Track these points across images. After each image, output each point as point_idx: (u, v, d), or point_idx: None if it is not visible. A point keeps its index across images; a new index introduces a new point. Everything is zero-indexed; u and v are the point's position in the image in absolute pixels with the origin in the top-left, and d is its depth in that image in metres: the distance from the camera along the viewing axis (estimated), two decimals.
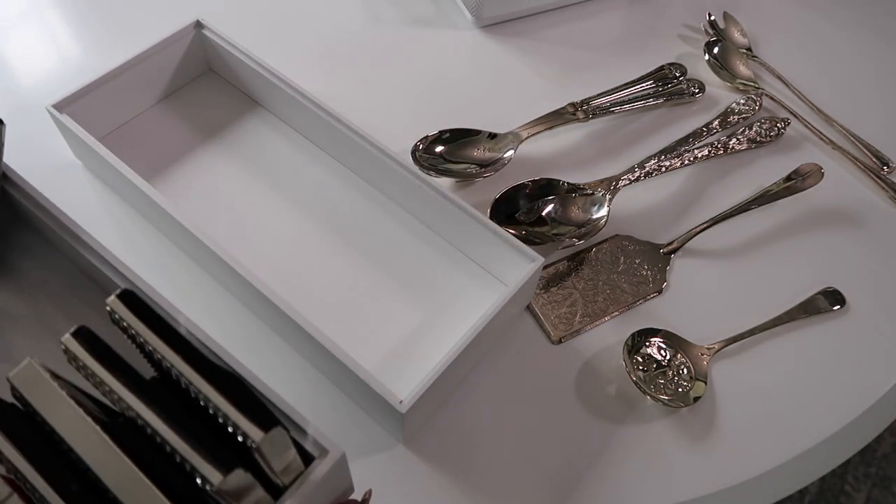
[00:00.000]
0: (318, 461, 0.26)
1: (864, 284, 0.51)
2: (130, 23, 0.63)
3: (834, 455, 0.44)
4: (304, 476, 0.25)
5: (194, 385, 0.21)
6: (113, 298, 0.22)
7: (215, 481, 0.19)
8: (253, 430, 0.20)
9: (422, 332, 0.45)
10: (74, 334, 0.21)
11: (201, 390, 0.21)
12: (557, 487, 0.41)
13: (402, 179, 0.48)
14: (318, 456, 0.26)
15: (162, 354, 0.21)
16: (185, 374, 0.21)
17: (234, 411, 0.20)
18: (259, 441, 0.20)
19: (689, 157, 0.56)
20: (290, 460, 0.24)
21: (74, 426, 0.20)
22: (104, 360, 0.21)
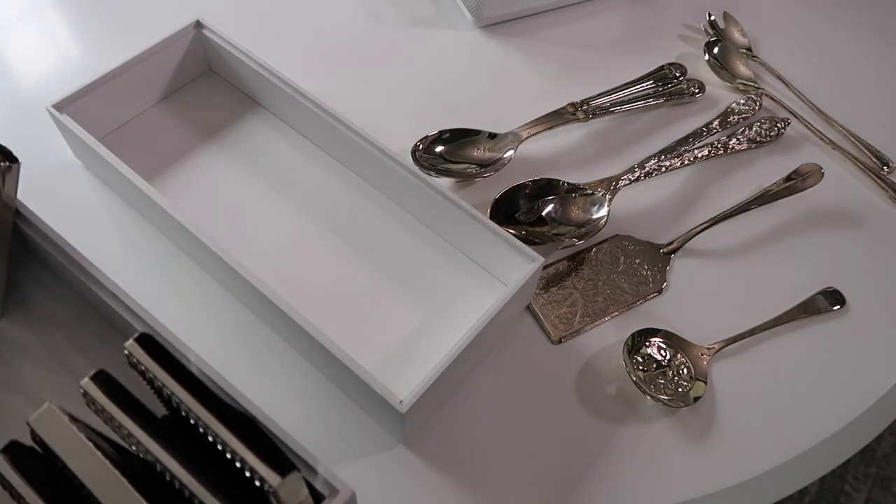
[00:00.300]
0: (328, 501, 0.26)
1: (864, 284, 0.51)
2: (130, 23, 0.63)
3: (834, 455, 0.44)
4: None
5: (212, 430, 0.21)
6: (131, 343, 0.22)
7: None
8: (270, 475, 0.21)
9: (422, 332, 0.45)
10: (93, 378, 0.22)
11: (219, 435, 0.21)
12: (557, 487, 0.41)
13: (402, 179, 0.48)
14: (329, 495, 0.26)
15: (180, 399, 0.21)
16: (203, 419, 0.21)
17: (251, 456, 0.21)
18: (276, 486, 0.21)
19: (689, 157, 0.56)
20: (303, 500, 0.24)
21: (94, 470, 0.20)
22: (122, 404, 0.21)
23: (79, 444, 0.21)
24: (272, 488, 0.20)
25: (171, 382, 0.22)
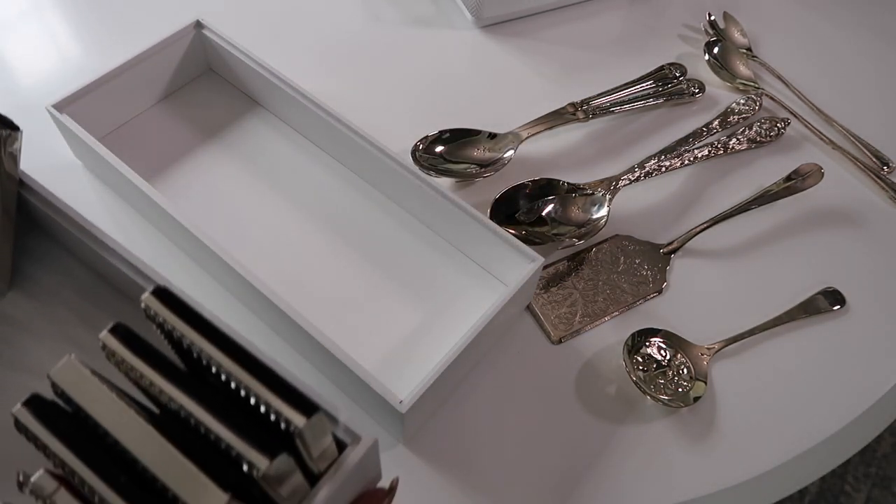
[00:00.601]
0: (350, 448, 0.26)
1: (864, 284, 0.51)
2: (130, 23, 0.63)
3: (834, 455, 0.44)
4: (338, 463, 0.25)
5: (234, 375, 0.21)
6: (148, 295, 0.22)
7: (262, 466, 0.20)
8: (295, 416, 0.21)
9: (422, 332, 0.45)
10: (112, 331, 0.22)
11: (242, 380, 0.21)
12: (557, 487, 0.41)
13: (402, 179, 0.48)
14: (351, 443, 0.27)
15: (200, 347, 0.21)
16: (225, 365, 0.21)
17: (275, 398, 0.21)
18: (302, 426, 0.21)
19: (689, 157, 0.56)
20: (327, 446, 0.24)
21: (119, 419, 0.20)
22: (142, 354, 0.22)
23: (101, 394, 0.21)
24: (297, 429, 0.21)
25: (190, 331, 0.22)
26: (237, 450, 0.20)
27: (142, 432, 0.20)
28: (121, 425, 0.20)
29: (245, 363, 0.22)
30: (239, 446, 0.20)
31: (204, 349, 0.22)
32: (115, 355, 0.22)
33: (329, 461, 0.25)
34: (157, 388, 0.21)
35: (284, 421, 0.21)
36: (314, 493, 0.24)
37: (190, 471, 0.20)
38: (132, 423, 0.20)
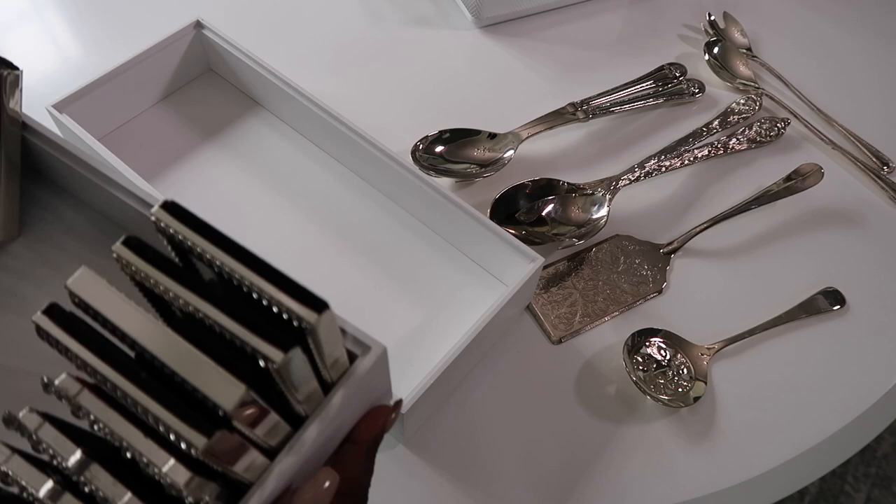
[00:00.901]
0: (361, 358, 0.27)
1: (864, 284, 0.51)
2: (130, 23, 0.63)
3: (834, 455, 0.44)
4: (350, 371, 0.26)
5: (246, 278, 0.22)
6: (157, 209, 0.23)
7: (277, 359, 0.21)
8: (306, 313, 0.21)
9: (422, 332, 0.45)
10: (124, 243, 0.23)
11: (253, 282, 0.22)
12: (557, 487, 0.41)
13: (402, 179, 0.48)
14: (361, 353, 0.27)
15: (212, 254, 0.22)
16: (237, 269, 0.22)
17: (286, 297, 0.22)
18: (313, 322, 0.21)
19: (689, 157, 0.56)
20: (339, 356, 0.25)
21: (135, 321, 0.21)
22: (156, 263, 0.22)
23: (117, 299, 0.22)
24: (309, 325, 0.21)
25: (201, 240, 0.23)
26: (252, 345, 0.21)
27: (158, 333, 0.21)
28: (138, 327, 0.21)
29: (255, 266, 0.22)
30: (254, 342, 0.21)
31: (215, 255, 0.22)
32: (129, 265, 0.22)
33: (341, 371, 0.26)
34: (171, 292, 0.22)
35: (296, 318, 0.21)
36: (329, 398, 0.25)
37: (208, 365, 0.21)
38: (148, 324, 0.21)
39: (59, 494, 0.21)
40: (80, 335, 0.22)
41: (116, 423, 0.21)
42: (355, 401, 0.28)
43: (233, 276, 0.22)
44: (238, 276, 0.22)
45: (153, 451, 0.21)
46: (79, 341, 0.21)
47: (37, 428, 0.22)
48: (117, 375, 0.21)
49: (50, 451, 0.22)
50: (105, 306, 0.22)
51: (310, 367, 0.24)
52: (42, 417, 0.22)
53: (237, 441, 0.22)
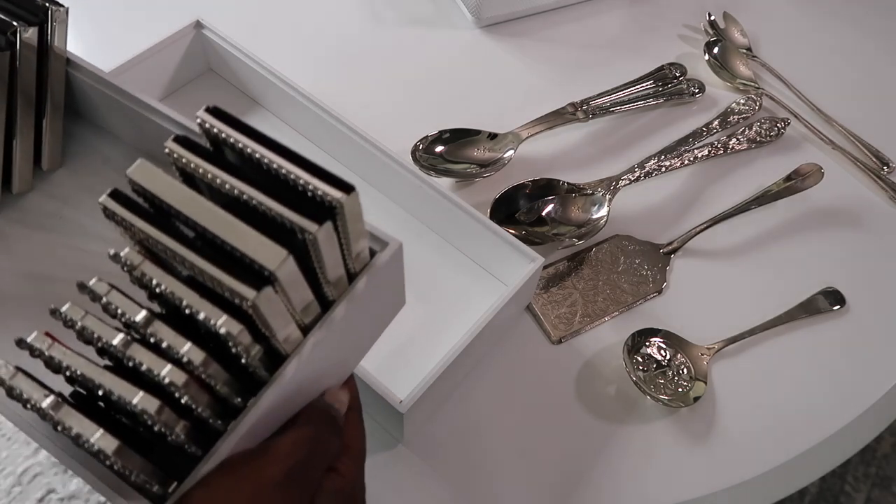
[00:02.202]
0: (379, 252, 0.31)
1: (864, 284, 0.51)
2: (130, 23, 0.63)
3: (834, 455, 0.44)
4: (370, 264, 0.30)
5: (283, 166, 0.25)
6: (202, 112, 0.27)
7: (313, 230, 0.24)
8: (335, 192, 0.25)
9: (422, 332, 0.45)
10: (175, 140, 0.26)
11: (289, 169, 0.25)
12: (557, 487, 0.41)
13: (402, 179, 0.48)
14: (380, 249, 0.31)
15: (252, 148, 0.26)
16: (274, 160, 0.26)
17: (317, 180, 0.25)
18: (343, 200, 0.25)
19: (689, 157, 0.56)
20: (362, 248, 0.29)
21: (188, 201, 0.25)
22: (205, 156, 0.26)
23: (170, 183, 0.25)
24: (338, 202, 0.25)
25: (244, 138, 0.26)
26: (291, 219, 0.24)
27: (210, 210, 0.24)
28: (190, 205, 0.25)
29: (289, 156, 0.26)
30: (293, 216, 0.24)
31: (255, 148, 0.26)
32: (181, 157, 0.26)
33: (363, 264, 0.30)
34: (218, 178, 0.25)
35: (327, 197, 0.25)
36: (354, 283, 0.29)
37: (254, 235, 0.24)
38: (200, 203, 0.25)
39: (129, 344, 0.24)
40: (140, 213, 0.25)
41: (175, 286, 0.24)
42: (374, 291, 0.31)
43: (270, 165, 0.25)
44: (276, 165, 0.25)
45: (209, 308, 0.24)
46: (140, 217, 0.25)
47: (106, 292, 0.25)
48: (176, 244, 0.24)
49: (119, 310, 0.25)
50: (160, 189, 0.25)
51: (338, 248, 0.27)
52: (109, 285, 0.25)
53: (280, 304, 0.25)
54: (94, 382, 0.24)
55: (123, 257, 0.25)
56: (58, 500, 0.44)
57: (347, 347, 0.31)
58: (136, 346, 0.24)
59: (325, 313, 0.28)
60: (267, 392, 0.26)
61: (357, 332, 0.32)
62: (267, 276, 0.24)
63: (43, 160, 0.43)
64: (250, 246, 0.24)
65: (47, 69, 0.40)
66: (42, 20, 0.39)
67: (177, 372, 0.24)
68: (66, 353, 0.25)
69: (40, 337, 0.25)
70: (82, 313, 0.25)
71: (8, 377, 0.25)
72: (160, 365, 0.24)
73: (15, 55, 0.38)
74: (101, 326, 0.25)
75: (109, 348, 0.25)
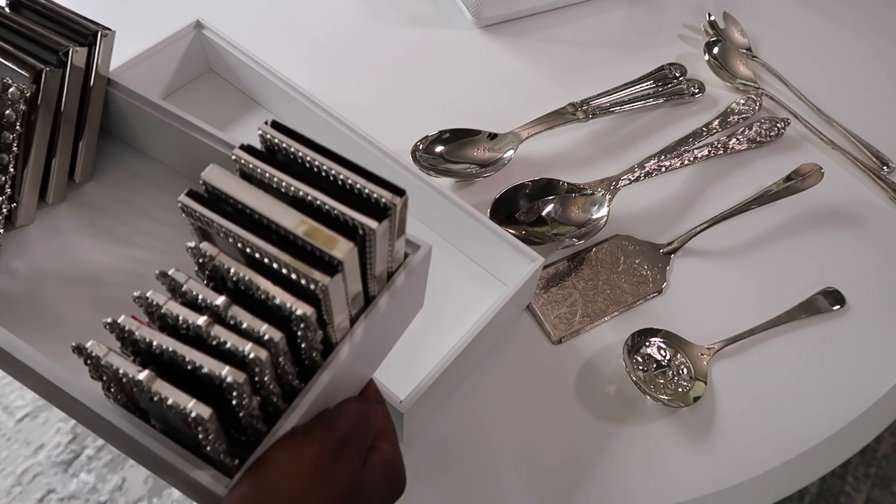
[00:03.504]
0: (412, 254, 0.33)
1: (864, 284, 0.51)
2: (130, 23, 0.63)
3: (834, 455, 0.44)
4: (405, 263, 0.33)
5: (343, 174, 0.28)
6: (264, 125, 0.29)
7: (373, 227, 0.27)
8: (390, 196, 0.28)
9: (422, 332, 0.45)
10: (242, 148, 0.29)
11: (349, 177, 0.28)
12: (557, 487, 0.41)
13: (403, 179, 0.48)
14: (412, 251, 0.34)
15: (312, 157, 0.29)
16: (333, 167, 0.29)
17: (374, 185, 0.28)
18: (397, 203, 0.28)
19: (689, 157, 0.56)
20: (399, 249, 0.31)
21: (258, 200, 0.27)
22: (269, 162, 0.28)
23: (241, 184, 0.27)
24: (392, 205, 0.28)
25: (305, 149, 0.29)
26: (353, 219, 0.27)
27: (280, 208, 0.27)
28: (262, 203, 0.27)
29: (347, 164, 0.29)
30: (355, 215, 0.27)
31: (315, 158, 0.29)
32: (248, 163, 0.28)
33: (399, 263, 0.33)
34: (284, 182, 0.28)
35: (383, 200, 0.28)
36: (393, 278, 0.32)
37: (321, 230, 0.27)
38: (271, 201, 0.27)
39: (212, 324, 0.26)
40: (218, 209, 0.27)
41: (251, 274, 0.27)
42: (406, 290, 0.34)
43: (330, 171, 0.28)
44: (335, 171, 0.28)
45: (283, 294, 0.26)
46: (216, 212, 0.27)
47: (185, 282, 0.27)
48: (251, 236, 0.26)
49: (199, 296, 0.27)
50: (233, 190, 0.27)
51: (387, 245, 0.30)
52: (186, 275, 0.27)
53: (342, 290, 0.27)
54: (184, 359, 0.26)
55: (202, 249, 0.27)
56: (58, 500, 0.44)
57: (380, 343, 0.34)
58: (218, 327, 0.26)
59: (366, 306, 0.31)
60: (324, 373, 0.29)
61: (389, 327, 0.35)
62: (336, 265, 0.26)
63: (76, 173, 0.45)
64: (320, 239, 0.26)
65: (90, 88, 0.43)
66: (91, 42, 0.42)
67: (259, 349, 0.26)
68: (155, 334, 0.27)
69: (128, 320, 0.27)
70: (165, 298, 0.27)
71: (103, 354, 0.27)
72: (243, 343, 0.26)
73: (65, 74, 0.41)
74: (184, 311, 0.27)
75: (194, 329, 0.26)
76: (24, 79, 0.39)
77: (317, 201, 0.27)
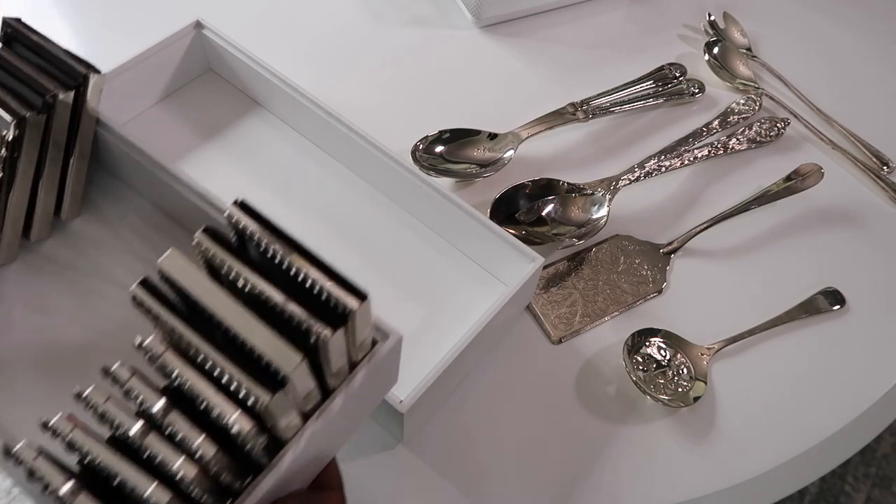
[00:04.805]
0: (381, 343, 0.32)
1: (864, 284, 0.51)
2: (130, 23, 0.63)
3: (834, 455, 0.44)
4: (371, 353, 0.31)
5: (303, 269, 0.27)
6: (232, 206, 0.28)
7: (327, 335, 0.25)
8: (350, 300, 0.26)
9: (422, 332, 0.45)
10: (204, 231, 0.27)
11: (310, 273, 0.27)
12: (557, 487, 0.41)
13: (402, 179, 0.48)
14: (381, 339, 0.32)
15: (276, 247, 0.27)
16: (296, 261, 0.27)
17: (335, 287, 0.26)
18: (356, 308, 0.26)
19: (689, 157, 0.56)
20: (366, 337, 0.30)
21: (213, 296, 0.26)
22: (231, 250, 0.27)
23: (199, 277, 0.26)
24: (351, 310, 0.26)
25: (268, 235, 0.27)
26: (307, 323, 0.26)
27: (232, 307, 0.26)
28: (215, 300, 0.26)
29: (312, 260, 0.27)
30: (309, 321, 0.26)
31: (279, 248, 0.27)
32: (208, 250, 0.27)
33: (365, 351, 0.31)
34: (243, 276, 0.26)
35: (342, 305, 0.26)
36: (353, 374, 0.30)
37: (272, 338, 0.25)
38: (224, 299, 0.26)
39: (145, 434, 0.25)
40: (167, 304, 0.26)
41: (194, 379, 0.26)
42: (372, 379, 0.32)
43: (291, 265, 0.27)
44: (296, 267, 0.27)
45: (223, 405, 0.25)
46: (167, 309, 0.26)
47: (127, 379, 0.26)
48: (199, 339, 0.26)
49: (139, 398, 0.26)
50: (188, 282, 0.26)
51: (346, 347, 0.28)
52: (132, 371, 0.26)
53: (289, 402, 0.26)
54: (110, 472, 0.25)
55: (147, 347, 0.26)
56: None
57: (338, 430, 0.33)
58: (152, 437, 0.25)
59: (324, 400, 0.30)
60: (265, 479, 0.28)
61: (350, 414, 0.33)
62: (281, 379, 0.25)
63: (63, 211, 0.44)
64: (268, 348, 0.25)
65: (78, 127, 0.43)
66: (80, 83, 0.42)
67: (189, 466, 0.25)
68: (87, 440, 0.26)
69: (63, 421, 0.26)
70: (105, 397, 0.26)
71: (31, 459, 0.25)
72: (175, 457, 0.25)
73: (51, 117, 0.40)
74: (120, 414, 0.26)
75: (126, 438, 0.26)
76: (6, 123, 0.38)
77: (272, 301, 0.26)
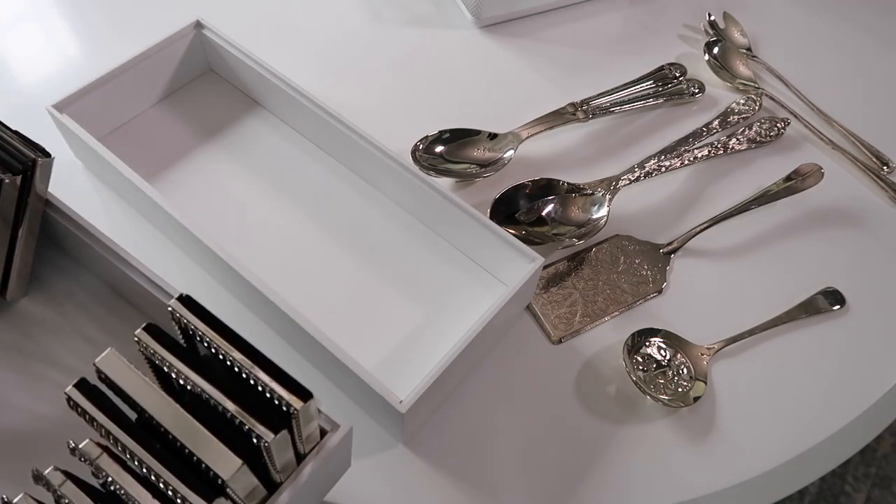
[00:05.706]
0: (330, 434, 0.31)
1: (864, 284, 0.51)
2: (130, 23, 0.63)
3: (834, 455, 0.44)
4: (320, 445, 0.31)
5: (245, 368, 0.26)
6: (175, 301, 0.28)
7: (268, 439, 0.25)
8: (294, 400, 0.26)
9: (422, 332, 0.45)
10: (145, 329, 0.27)
11: (252, 372, 0.26)
12: (557, 487, 0.41)
13: (402, 179, 0.48)
14: (331, 430, 0.32)
15: (218, 345, 0.27)
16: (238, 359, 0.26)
17: (279, 386, 0.26)
18: (299, 408, 0.26)
19: (689, 157, 0.56)
20: (312, 430, 0.29)
21: (151, 398, 0.26)
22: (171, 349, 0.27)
23: (136, 378, 0.26)
24: (295, 410, 0.26)
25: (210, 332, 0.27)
26: (249, 425, 0.25)
27: (170, 410, 0.25)
28: (153, 403, 0.25)
29: (255, 358, 0.26)
30: (251, 422, 0.25)
31: (221, 346, 0.26)
32: (148, 348, 0.26)
33: (313, 443, 0.30)
34: (184, 375, 0.26)
35: (285, 404, 0.26)
36: (300, 468, 0.30)
37: (211, 440, 0.25)
38: (162, 401, 0.25)
39: None
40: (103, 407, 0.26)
41: (129, 485, 0.25)
42: (321, 470, 0.32)
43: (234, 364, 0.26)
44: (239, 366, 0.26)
45: None
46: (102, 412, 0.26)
47: (60, 484, 0.26)
48: (135, 444, 0.25)
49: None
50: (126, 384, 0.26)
51: (291, 445, 0.28)
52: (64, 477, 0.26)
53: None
54: None
55: (81, 450, 0.26)
56: None
57: None
58: None
59: (270, 495, 0.29)
60: None
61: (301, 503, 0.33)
62: (220, 484, 0.25)
63: (8, 292, 0.43)
64: (208, 453, 0.25)
65: (25, 208, 0.41)
66: (28, 168, 0.40)
67: None
68: None
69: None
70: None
71: None
72: None
73: None
74: None
75: None
76: None
77: (212, 400, 0.25)
